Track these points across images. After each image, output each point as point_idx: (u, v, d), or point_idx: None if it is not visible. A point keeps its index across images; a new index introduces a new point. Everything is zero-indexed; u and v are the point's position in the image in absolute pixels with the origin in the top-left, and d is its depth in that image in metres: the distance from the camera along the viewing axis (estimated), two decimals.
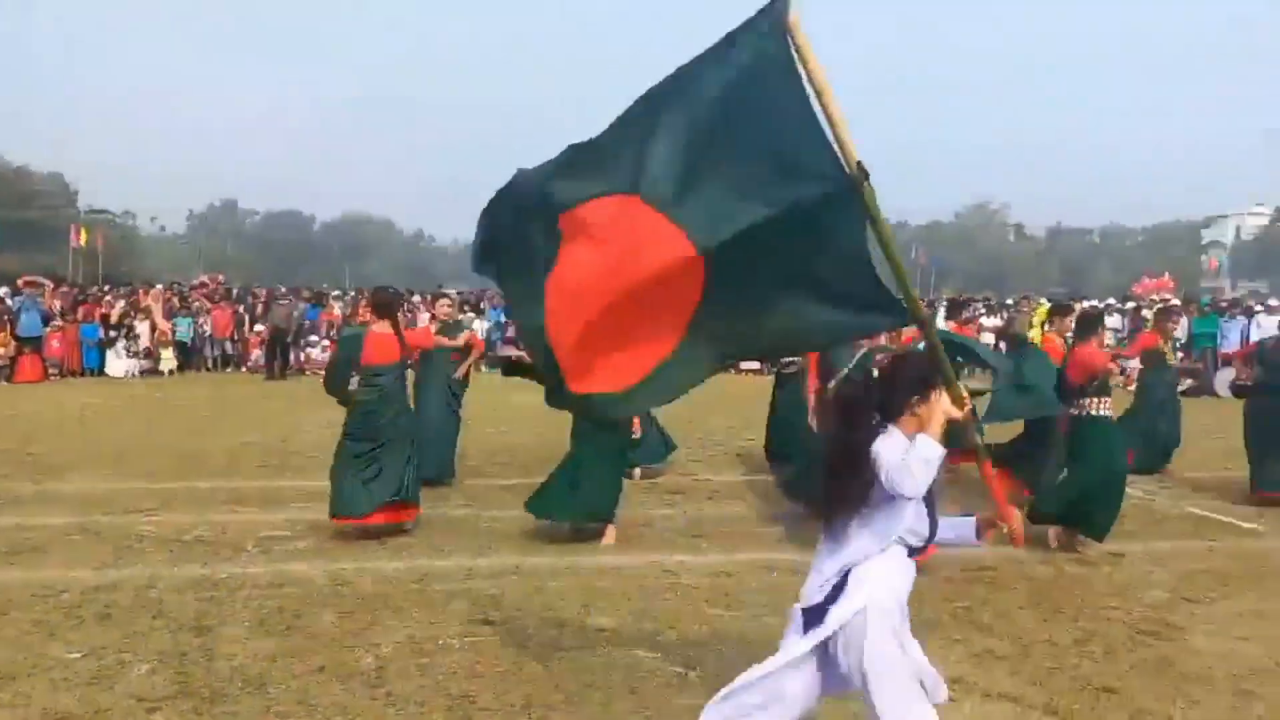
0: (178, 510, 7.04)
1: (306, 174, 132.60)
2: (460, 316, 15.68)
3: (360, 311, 19.36)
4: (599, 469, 6.20)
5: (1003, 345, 20.64)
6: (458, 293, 23.04)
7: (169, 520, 6.70)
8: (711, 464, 9.30)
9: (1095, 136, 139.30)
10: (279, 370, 18.02)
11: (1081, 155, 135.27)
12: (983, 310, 22.71)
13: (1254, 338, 16.74)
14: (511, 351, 17.18)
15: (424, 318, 20.07)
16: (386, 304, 6.61)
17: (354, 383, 6.44)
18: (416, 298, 22.61)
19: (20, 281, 20.08)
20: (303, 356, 19.22)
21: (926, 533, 2.70)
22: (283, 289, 23.22)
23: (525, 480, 8.09)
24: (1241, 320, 17.64)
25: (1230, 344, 17.09)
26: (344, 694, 3.86)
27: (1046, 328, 7.86)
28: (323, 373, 18.04)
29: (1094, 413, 5.98)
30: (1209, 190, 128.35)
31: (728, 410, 12.88)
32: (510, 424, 11.62)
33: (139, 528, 6.49)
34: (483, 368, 14.34)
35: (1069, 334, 7.41)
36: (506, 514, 6.91)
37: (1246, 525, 6.77)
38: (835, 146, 2.39)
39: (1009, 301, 23.95)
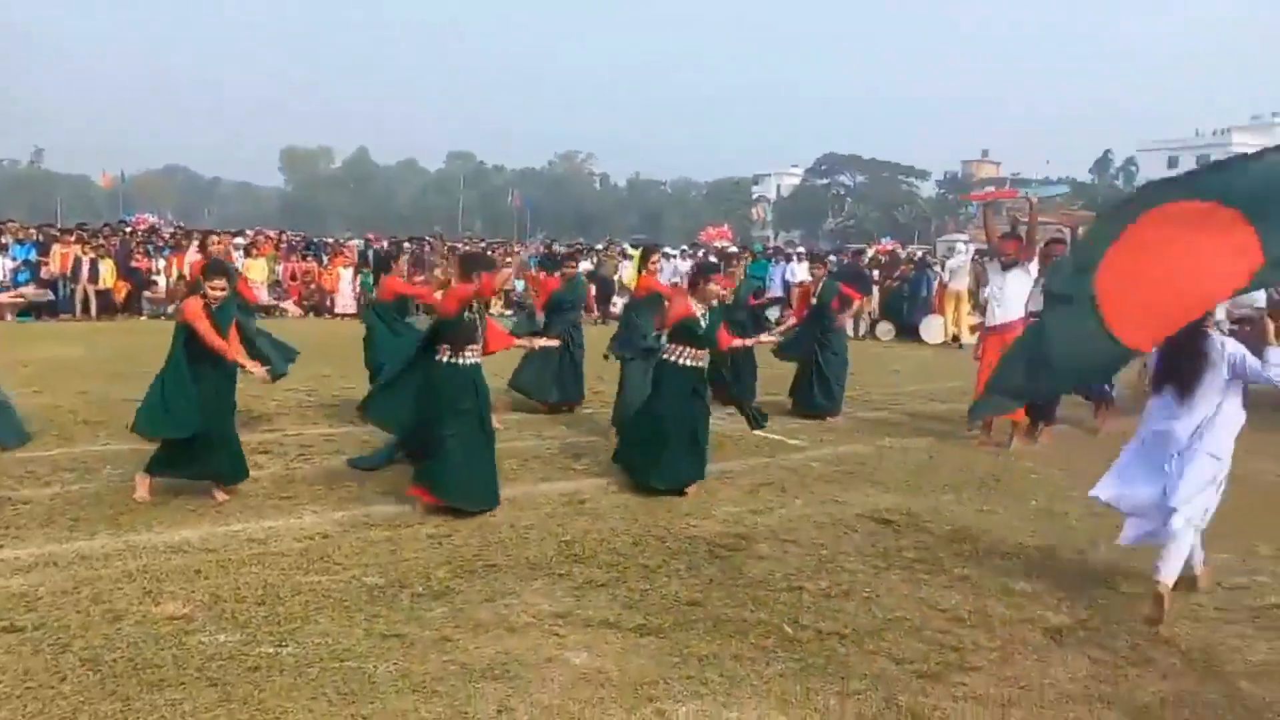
0: None
1: None
2: None
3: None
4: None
5: (593, 288, 22.07)
6: None
7: None
8: (302, 416, 8.61)
9: (675, 91, 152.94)
10: None
11: (658, 109, 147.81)
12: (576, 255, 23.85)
13: (790, 279, 19.62)
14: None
15: None
16: None
17: None
18: None
19: None
20: None
21: None
22: None
23: (65, 449, 6.86)
24: (782, 265, 20.51)
25: (774, 286, 19.87)
26: None
27: (645, 270, 8.38)
28: None
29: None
30: (757, 152, 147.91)
31: (324, 359, 12.06)
32: (39, 383, 9.77)
33: None
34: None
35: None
36: (38, 491, 5.76)
37: (793, 441, 7.86)
38: None
39: (599, 246, 25.40)
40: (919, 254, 22.57)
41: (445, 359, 5.59)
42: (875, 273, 19.03)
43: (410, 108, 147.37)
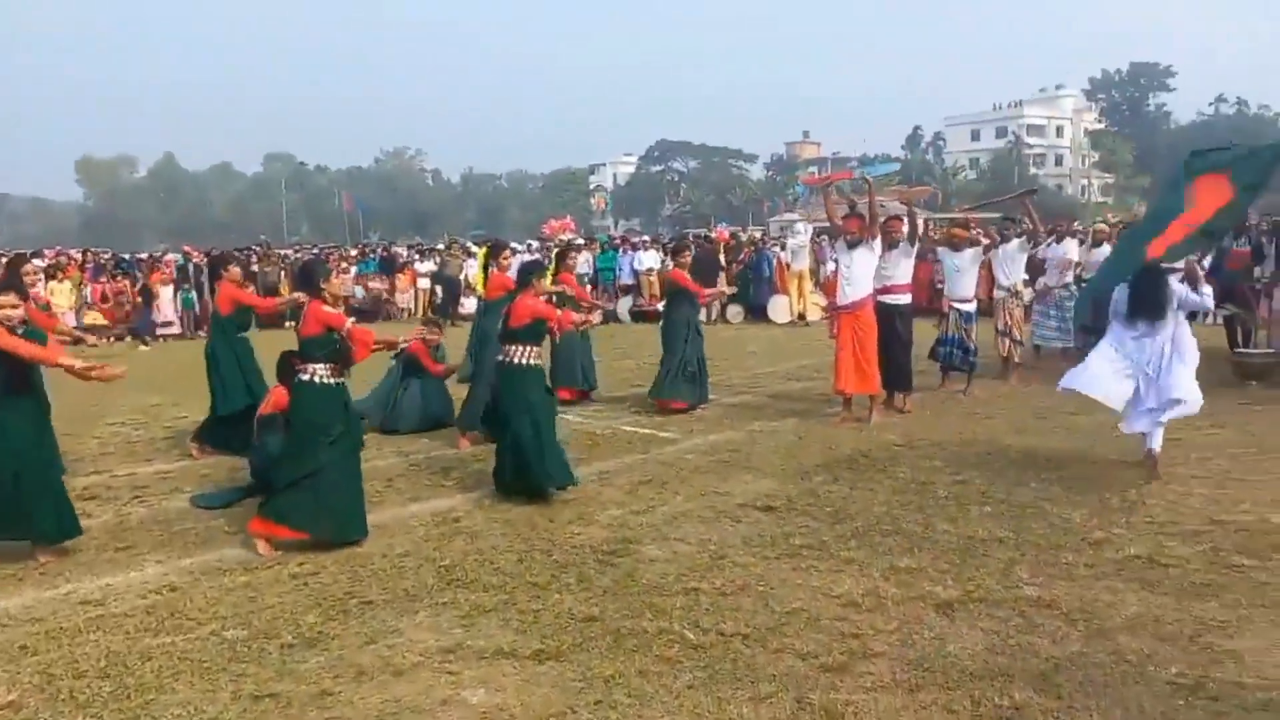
0: None
1: None
2: None
3: None
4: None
5: (438, 290, 21.38)
6: None
7: None
8: (131, 453, 7.83)
9: (498, 91, 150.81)
10: None
11: (487, 108, 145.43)
12: (416, 256, 23.09)
13: (638, 268, 19.71)
14: None
15: None
16: None
17: None
18: None
19: None
20: None
21: None
22: None
23: None
24: (630, 254, 20.55)
25: (624, 275, 19.91)
26: None
27: (492, 268, 8.06)
28: None
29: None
30: (591, 143, 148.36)
31: (151, 387, 11.07)
32: None
33: None
34: None
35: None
36: None
37: (664, 434, 7.81)
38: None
39: (440, 246, 24.65)
40: (758, 236, 23.16)
41: (310, 379, 5.16)
42: (721, 257, 19.37)
43: (218, 108, 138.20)
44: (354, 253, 23.96)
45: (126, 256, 20.89)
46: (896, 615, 3.97)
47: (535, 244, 24.96)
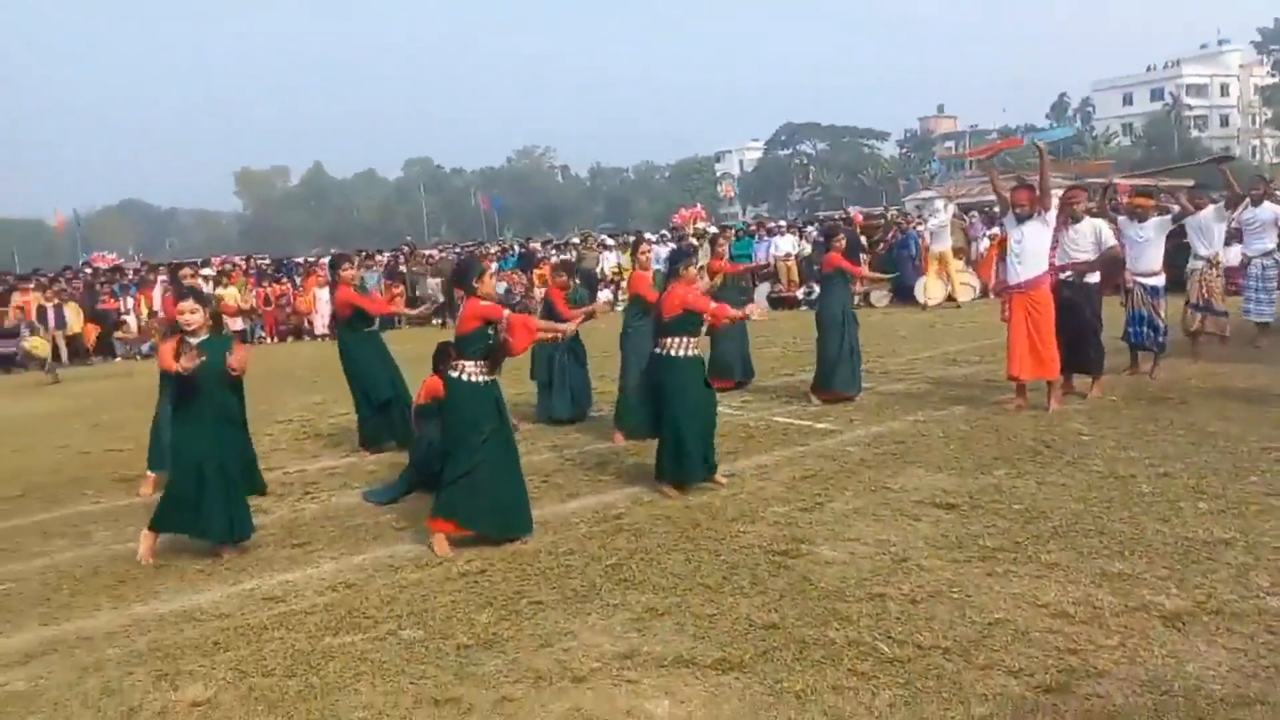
0: None
1: None
2: None
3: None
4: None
5: (575, 282, 21.56)
6: None
7: None
8: (300, 451, 8.13)
9: (623, 85, 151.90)
10: None
11: (612, 95, 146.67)
12: (554, 251, 23.39)
13: (775, 254, 19.25)
14: None
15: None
16: None
17: None
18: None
19: None
20: None
21: None
22: None
23: (52, 513, 6.33)
24: (766, 240, 20.12)
25: (760, 261, 19.48)
26: None
27: (637, 263, 7.94)
28: None
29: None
30: (715, 130, 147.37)
31: (313, 386, 11.58)
32: (15, 442, 9.23)
33: None
34: None
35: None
36: (26, 565, 5.28)
37: (821, 426, 7.48)
38: None
39: (574, 240, 24.88)
40: (903, 215, 22.23)
41: (460, 376, 5.15)
42: (862, 239, 18.69)
43: (363, 118, 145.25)
44: (494, 250, 24.47)
45: (285, 261, 22.12)
46: (1117, 628, 3.56)
47: (666, 234, 24.78)
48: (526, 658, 3.72)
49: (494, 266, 21.60)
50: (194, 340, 5.16)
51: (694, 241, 17.62)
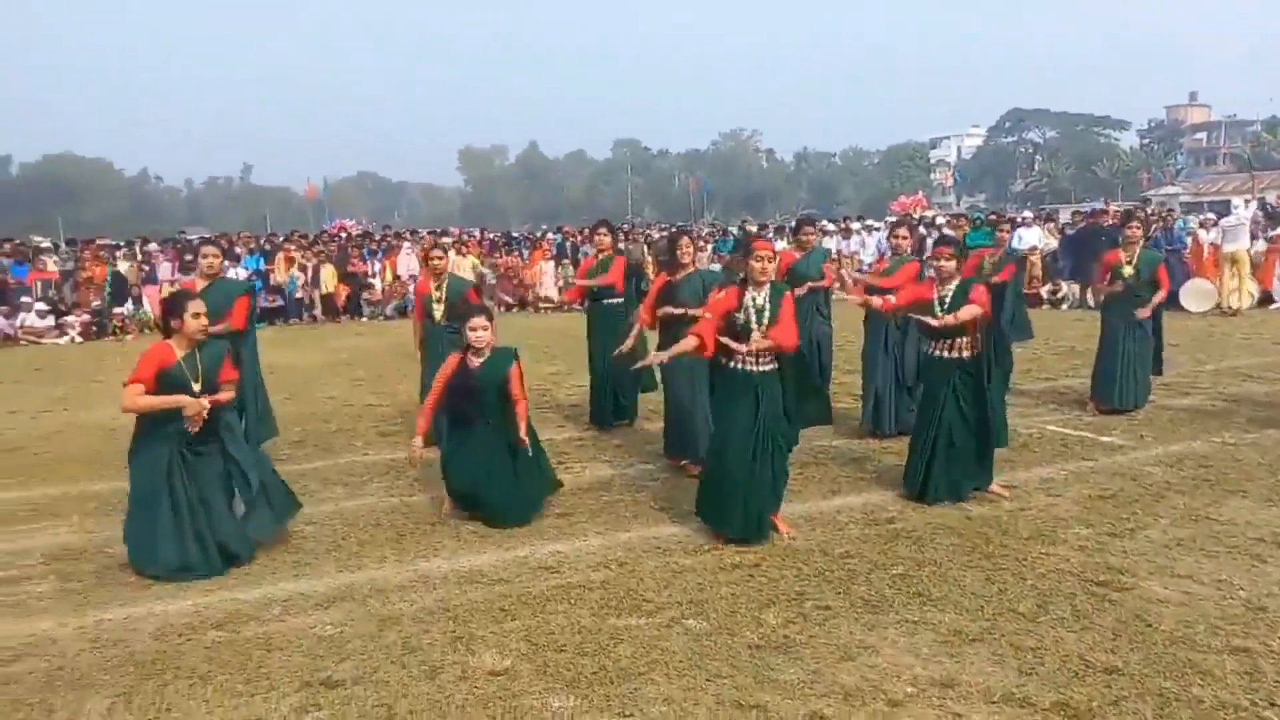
0: None
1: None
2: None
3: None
4: None
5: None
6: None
7: None
8: (543, 420, 8.28)
9: (833, 68, 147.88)
10: None
11: (823, 84, 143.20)
12: (771, 235, 22.93)
13: (1019, 246, 17.88)
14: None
15: (164, 268, 17.27)
16: None
17: None
18: (154, 245, 19.37)
19: None
20: (15, 324, 15.86)
21: None
22: None
23: (328, 461, 6.71)
24: (1011, 232, 18.72)
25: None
26: None
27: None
28: (38, 341, 15.05)
29: None
30: (931, 115, 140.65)
31: (547, 357, 11.87)
32: (286, 389, 9.96)
33: None
34: None
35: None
36: (315, 509, 5.59)
37: (1106, 440, 6.73)
38: None
39: (793, 223, 24.28)
40: (1168, 211, 20.09)
41: (726, 362, 4.94)
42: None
43: (577, 99, 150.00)
44: (707, 232, 24.34)
45: (514, 234, 23.00)
46: None
47: (872, 221, 23.63)
48: (829, 670, 3.46)
49: (708, 249, 21.60)
50: (478, 359, 5.33)
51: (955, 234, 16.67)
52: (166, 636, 3.95)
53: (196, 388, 4.68)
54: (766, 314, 4.82)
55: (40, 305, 15.98)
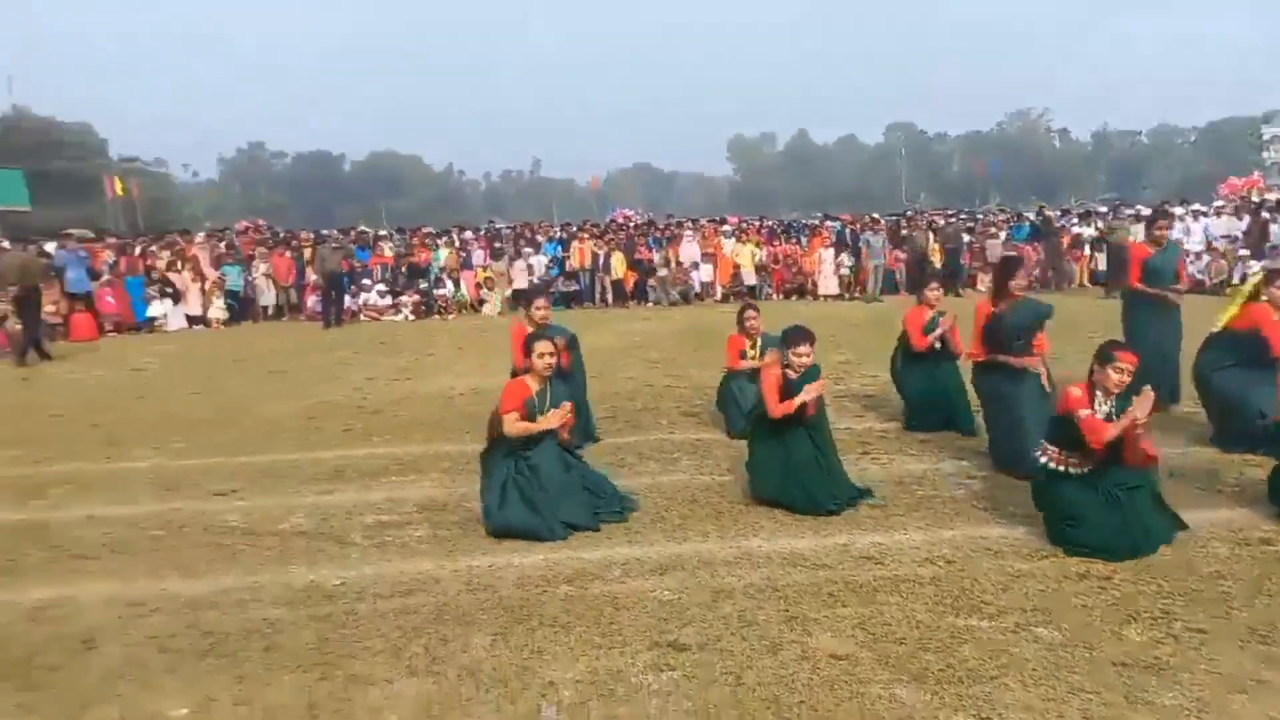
0: (263, 491, 6.14)
1: (330, 114, 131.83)
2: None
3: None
4: None
5: (1098, 257, 19.07)
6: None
7: (256, 506, 5.79)
8: (843, 409, 8.19)
9: (1135, 39, 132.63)
10: (334, 318, 17.12)
11: (1120, 56, 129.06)
12: (1075, 221, 21.15)
13: None
14: None
15: (478, 254, 18.95)
16: None
17: None
18: (469, 233, 21.39)
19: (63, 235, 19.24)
20: (359, 302, 18.24)
21: None
22: (334, 232, 22.01)
23: (640, 436, 7.07)
24: None
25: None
26: None
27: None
28: (378, 318, 17.11)
29: None
30: (1263, 84, 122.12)
31: (835, 346, 11.75)
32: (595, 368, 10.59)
33: (225, 517, 5.59)
34: None
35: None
36: (634, 482, 5.92)
37: None
38: None
39: (1101, 209, 22.23)
40: None
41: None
42: None
43: (847, 83, 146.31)
44: (1003, 218, 22.84)
45: (793, 222, 22.94)
46: None
47: (1198, 206, 20.80)
48: (1218, 701, 3.15)
49: (1001, 235, 20.25)
50: (794, 375, 5.41)
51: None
52: (525, 586, 4.38)
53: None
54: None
55: (380, 286, 18.24)
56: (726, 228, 20.20)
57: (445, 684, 3.49)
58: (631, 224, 22.63)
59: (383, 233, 22.29)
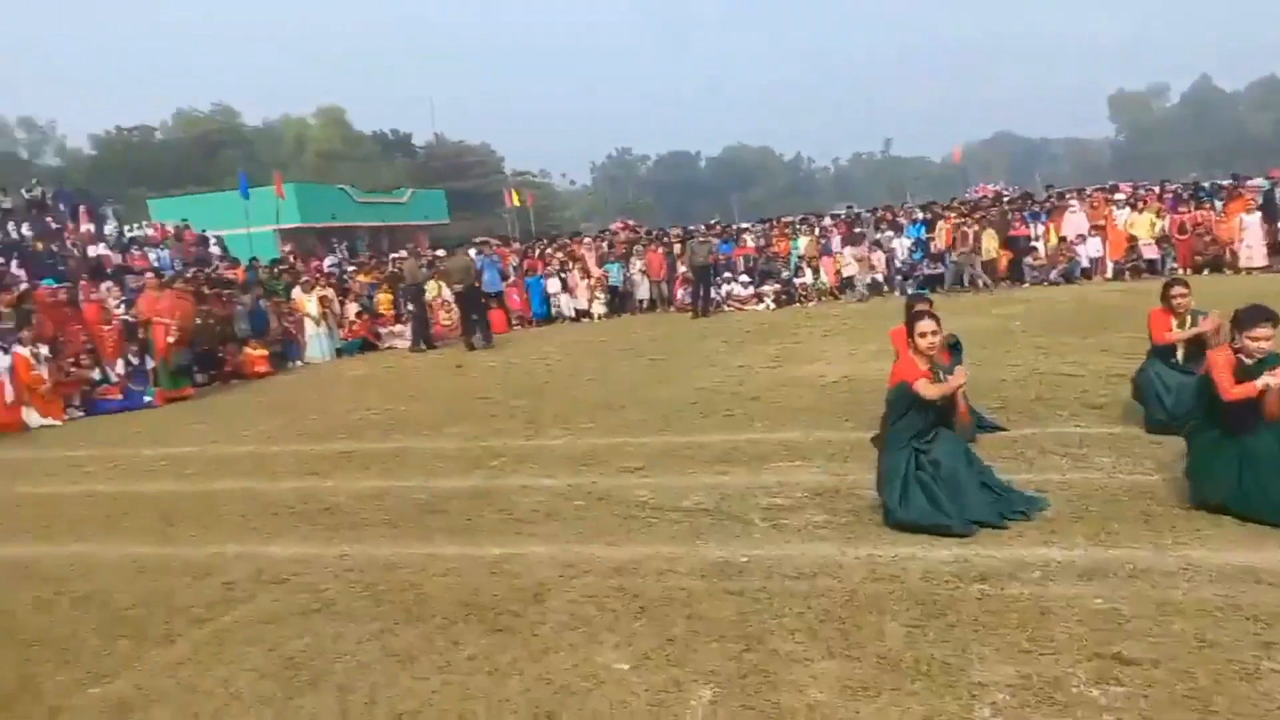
0: (665, 469, 6.61)
1: (690, 115, 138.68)
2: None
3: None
4: None
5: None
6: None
7: (660, 483, 6.25)
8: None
9: None
10: (702, 308, 17.97)
11: None
12: None
13: None
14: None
15: (836, 241, 18.79)
16: None
17: None
18: (827, 220, 21.26)
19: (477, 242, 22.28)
20: (723, 293, 18.99)
21: None
22: (703, 227, 23.09)
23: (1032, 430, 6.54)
24: None
25: None
26: None
27: None
28: (741, 308, 17.65)
29: None
30: None
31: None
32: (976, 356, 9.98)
33: (635, 492, 6.09)
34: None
35: None
36: (1064, 476, 5.48)
37: None
38: None
39: None
40: None
41: None
42: None
43: (1261, 10, 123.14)
44: None
45: (1205, 185, 19.78)
46: None
47: None
48: None
49: None
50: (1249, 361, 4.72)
51: None
52: (933, 580, 4.25)
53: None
54: None
55: (743, 277, 18.84)
56: (1119, 196, 18.01)
57: (864, 669, 3.49)
58: (1005, 198, 21.03)
59: (745, 226, 22.92)
